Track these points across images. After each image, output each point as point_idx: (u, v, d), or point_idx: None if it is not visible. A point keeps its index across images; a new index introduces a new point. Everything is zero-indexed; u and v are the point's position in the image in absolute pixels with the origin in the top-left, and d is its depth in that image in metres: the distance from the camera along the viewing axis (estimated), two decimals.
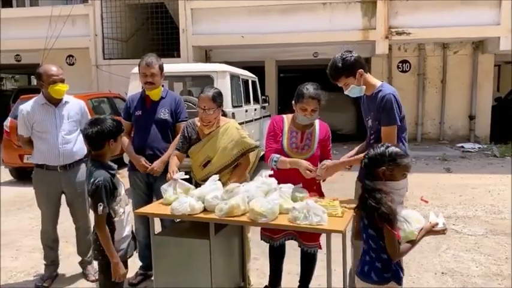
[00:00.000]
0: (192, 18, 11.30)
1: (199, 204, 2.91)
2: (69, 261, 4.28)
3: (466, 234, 5.08)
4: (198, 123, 3.48)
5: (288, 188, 2.97)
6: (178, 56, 11.43)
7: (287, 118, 3.35)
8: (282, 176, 3.08)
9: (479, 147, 11.04)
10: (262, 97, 9.73)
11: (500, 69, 15.71)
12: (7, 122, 8.05)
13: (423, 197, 6.25)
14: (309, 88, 3.16)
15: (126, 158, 7.05)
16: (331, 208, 2.78)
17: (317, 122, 3.33)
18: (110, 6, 12.09)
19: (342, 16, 10.78)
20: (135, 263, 4.17)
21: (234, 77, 7.28)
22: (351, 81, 2.88)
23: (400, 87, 9.79)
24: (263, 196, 2.90)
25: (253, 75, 9.02)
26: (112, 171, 2.63)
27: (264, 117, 9.28)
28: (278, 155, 3.20)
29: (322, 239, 3.06)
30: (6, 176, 8.29)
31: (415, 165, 8.66)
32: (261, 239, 3.43)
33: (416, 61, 12.33)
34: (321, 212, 2.63)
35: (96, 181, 2.50)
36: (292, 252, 3.71)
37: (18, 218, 5.91)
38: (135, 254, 4.01)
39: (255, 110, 8.66)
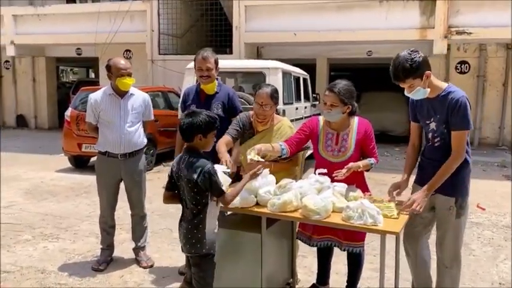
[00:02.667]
0: (246, 15, 11.36)
1: (252, 198, 2.93)
2: (122, 247, 4.45)
3: None
4: (252, 118, 3.50)
5: (341, 187, 2.94)
6: (231, 52, 11.55)
7: (322, 119, 3.27)
8: (330, 177, 3.01)
9: None
10: (313, 95, 9.66)
11: None
12: (68, 112, 8.46)
13: (480, 204, 6.11)
14: (336, 82, 3.12)
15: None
16: (387, 209, 2.72)
17: (356, 121, 3.19)
18: (167, 3, 12.39)
19: (398, 14, 10.46)
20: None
21: (286, 74, 7.27)
22: (418, 83, 2.68)
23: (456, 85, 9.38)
24: (316, 193, 2.88)
25: (305, 73, 8.97)
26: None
27: (313, 115, 9.21)
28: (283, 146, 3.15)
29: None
30: (66, 163, 8.72)
31: (472, 171, 8.30)
32: (297, 238, 3.38)
33: (476, 62, 11.79)
34: (375, 212, 2.59)
35: (205, 169, 2.51)
36: (340, 252, 3.67)
37: (76, 203, 6.20)
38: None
39: (305, 107, 8.62)
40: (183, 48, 13.15)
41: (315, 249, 3.46)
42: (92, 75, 25.21)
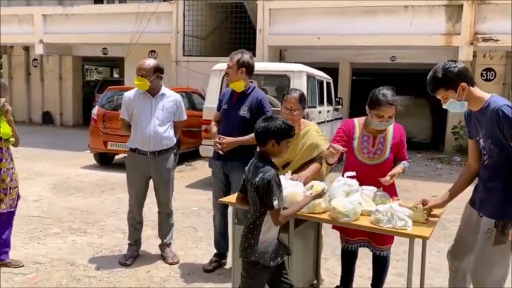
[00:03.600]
0: (270, 18, 11.43)
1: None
2: (147, 243, 4.55)
3: None
4: None
5: (369, 190, 2.97)
6: (254, 55, 11.50)
7: (358, 122, 3.30)
8: (363, 179, 3.06)
9: None
10: (336, 99, 9.67)
11: None
12: (95, 110, 8.65)
13: None
14: (386, 94, 3.05)
15: (202, 151, 7.36)
16: (415, 214, 2.73)
17: (391, 125, 3.23)
18: (192, 5, 12.56)
19: (424, 20, 10.39)
20: (209, 251, 4.37)
21: (310, 78, 7.31)
22: (451, 95, 2.55)
23: None
24: (344, 196, 2.92)
25: (328, 77, 8.98)
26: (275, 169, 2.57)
27: (336, 119, 9.21)
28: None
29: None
30: (91, 160, 8.91)
31: None
32: (341, 244, 3.45)
33: (502, 70, 11.62)
34: (405, 216, 2.61)
35: (266, 176, 2.44)
36: (364, 255, 3.69)
37: (102, 199, 6.35)
38: (211, 242, 4.22)
39: (328, 111, 8.62)
40: (207, 50, 13.30)
41: (337, 252, 3.50)
42: (115, 74, 25.65)
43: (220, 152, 3.79)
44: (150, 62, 4.01)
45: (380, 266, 3.34)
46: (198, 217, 5.71)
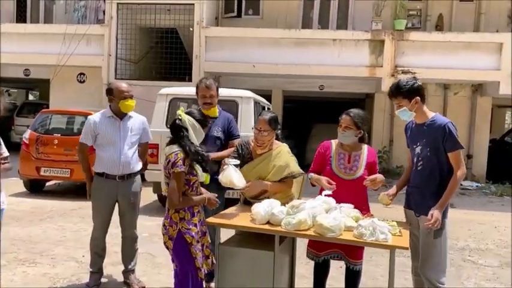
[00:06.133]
0: (206, 45, 11.64)
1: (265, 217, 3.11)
2: (105, 271, 4.36)
3: (482, 265, 5.31)
4: (252, 143, 3.71)
5: (347, 207, 3.20)
6: (190, 80, 11.69)
7: (335, 142, 3.63)
8: (339, 194, 3.29)
9: (476, 186, 11.43)
10: None
11: (492, 112, 16.33)
12: (27, 135, 8.13)
13: None
14: (351, 109, 3.53)
15: (147, 176, 7.20)
16: (391, 227, 3.00)
17: (365, 147, 3.59)
18: (125, 28, 12.38)
19: (350, 52, 11.22)
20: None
21: (256, 103, 7.56)
22: (405, 104, 3.12)
23: (401, 124, 10.16)
24: (324, 213, 3.11)
25: (268, 103, 9.32)
26: None
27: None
28: (312, 174, 3.55)
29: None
30: (20, 187, 8.30)
31: None
32: (307, 256, 3.63)
33: None
34: (386, 230, 2.86)
35: None
36: (333, 269, 3.90)
37: (43, 228, 5.96)
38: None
39: None
40: (140, 74, 13.12)
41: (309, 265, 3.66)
42: (31, 97, 24.14)
43: None
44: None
45: (352, 280, 3.56)
46: (151, 243, 5.57)
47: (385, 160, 12.16)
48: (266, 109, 8.81)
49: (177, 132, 3.03)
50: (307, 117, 15.47)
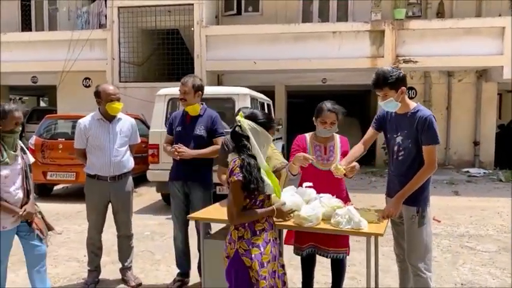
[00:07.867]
0: (207, 44, 11.74)
1: None
2: (105, 269, 4.50)
3: (480, 251, 5.32)
4: None
5: (327, 198, 3.26)
6: None
7: (309, 136, 3.68)
8: (319, 185, 3.35)
9: (484, 172, 11.34)
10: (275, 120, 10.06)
11: (501, 97, 16.15)
12: (32, 140, 8.34)
13: (435, 217, 6.63)
14: (327, 104, 3.53)
15: (150, 176, 7.36)
16: (369, 216, 3.06)
17: (337, 137, 3.65)
18: (127, 32, 12.56)
19: (351, 44, 11.22)
20: (170, 272, 4.43)
21: (253, 100, 7.63)
22: (392, 94, 3.05)
23: None
24: (305, 204, 3.18)
25: (268, 99, 9.38)
26: None
27: (276, 139, 9.58)
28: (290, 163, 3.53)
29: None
30: None
31: None
32: (294, 252, 3.68)
33: (422, 88, 12.76)
34: (359, 217, 2.92)
35: None
36: (318, 262, 3.96)
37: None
38: (173, 261, 4.29)
39: None
40: (144, 76, 13.30)
41: (292, 261, 3.72)
42: (42, 103, 24.57)
43: (177, 158, 3.94)
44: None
45: (338, 269, 3.62)
46: (152, 241, 5.71)
47: None
48: (266, 105, 8.90)
49: (238, 141, 2.59)
50: (311, 111, 15.34)
